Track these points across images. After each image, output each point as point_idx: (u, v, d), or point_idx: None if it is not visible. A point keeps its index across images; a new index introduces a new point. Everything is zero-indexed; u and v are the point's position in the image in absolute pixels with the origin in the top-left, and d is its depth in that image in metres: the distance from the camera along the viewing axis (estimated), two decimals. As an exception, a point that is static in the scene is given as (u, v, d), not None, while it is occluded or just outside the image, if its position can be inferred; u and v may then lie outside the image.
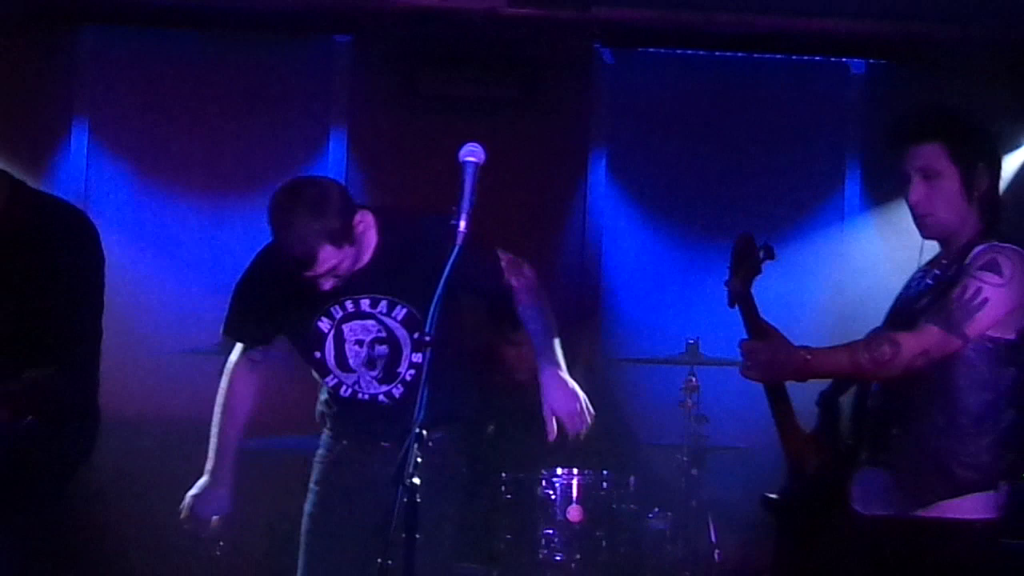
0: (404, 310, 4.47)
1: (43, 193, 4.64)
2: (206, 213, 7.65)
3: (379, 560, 3.39)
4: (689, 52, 7.91)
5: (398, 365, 4.53)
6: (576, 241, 7.84)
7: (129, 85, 7.66)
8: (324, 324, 4.56)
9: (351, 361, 4.57)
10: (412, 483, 3.27)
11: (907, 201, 4.09)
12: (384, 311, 4.49)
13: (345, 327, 4.54)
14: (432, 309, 3.46)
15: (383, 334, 4.50)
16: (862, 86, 7.91)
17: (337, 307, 4.51)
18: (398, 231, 4.50)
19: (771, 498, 4.40)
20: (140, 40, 7.74)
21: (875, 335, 3.98)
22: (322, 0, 7.68)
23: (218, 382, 6.89)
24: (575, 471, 6.38)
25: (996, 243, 3.96)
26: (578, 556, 6.29)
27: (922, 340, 3.83)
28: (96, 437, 4.68)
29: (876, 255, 7.58)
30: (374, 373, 4.56)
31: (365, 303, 4.50)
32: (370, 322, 4.51)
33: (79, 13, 7.74)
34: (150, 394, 7.12)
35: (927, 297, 3.98)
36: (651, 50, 7.91)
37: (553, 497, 6.33)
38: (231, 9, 7.59)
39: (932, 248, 4.18)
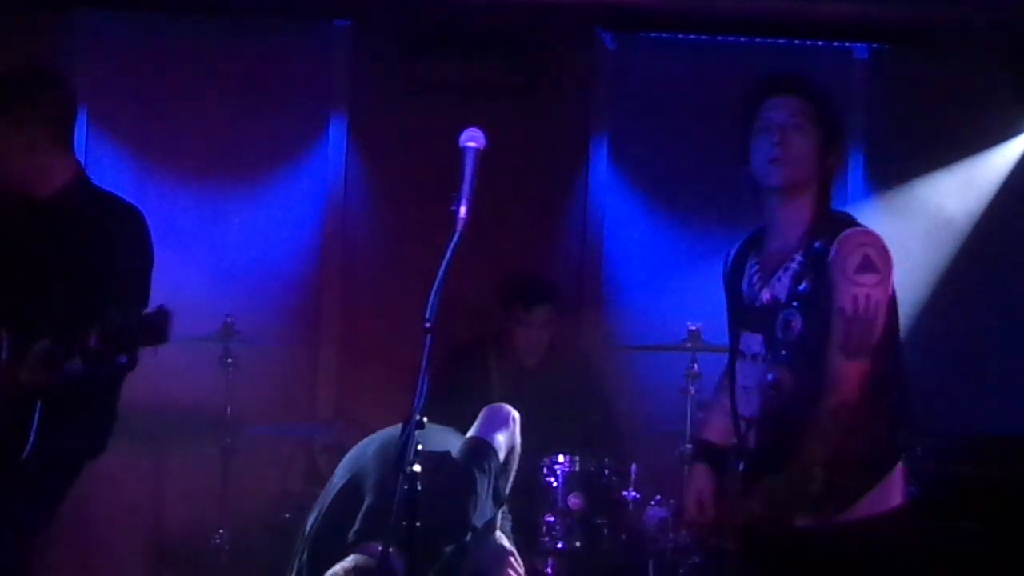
0: None
1: (103, 189, 4.67)
2: (206, 199, 7.62)
3: (381, 547, 3.38)
4: (691, 37, 7.87)
5: None
6: (577, 227, 7.81)
7: (128, 71, 7.63)
8: None
9: None
10: (412, 471, 3.25)
11: (759, 148, 3.97)
12: None
13: None
14: (432, 294, 3.42)
15: None
16: (865, 71, 7.87)
17: None
18: None
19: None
20: (139, 26, 7.70)
21: (827, 413, 3.72)
22: (322, -16, 7.68)
23: (217, 370, 6.90)
24: (576, 458, 6.37)
25: (855, 230, 3.85)
26: (579, 544, 6.28)
27: (852, 382, 3.71)
28: (111, 434, 4.67)
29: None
30: None
31: None
32: None
33: (76, -2, 7.72)
34: (149, 381, 7.06)
35: (796, 302, 3.83)
36: (653, 35, 7.87)
37: (554, 484, 6.33)
38: (230, -7, 7.60)
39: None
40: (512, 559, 4.52)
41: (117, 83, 7.69)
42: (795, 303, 3.85)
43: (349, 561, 4.02)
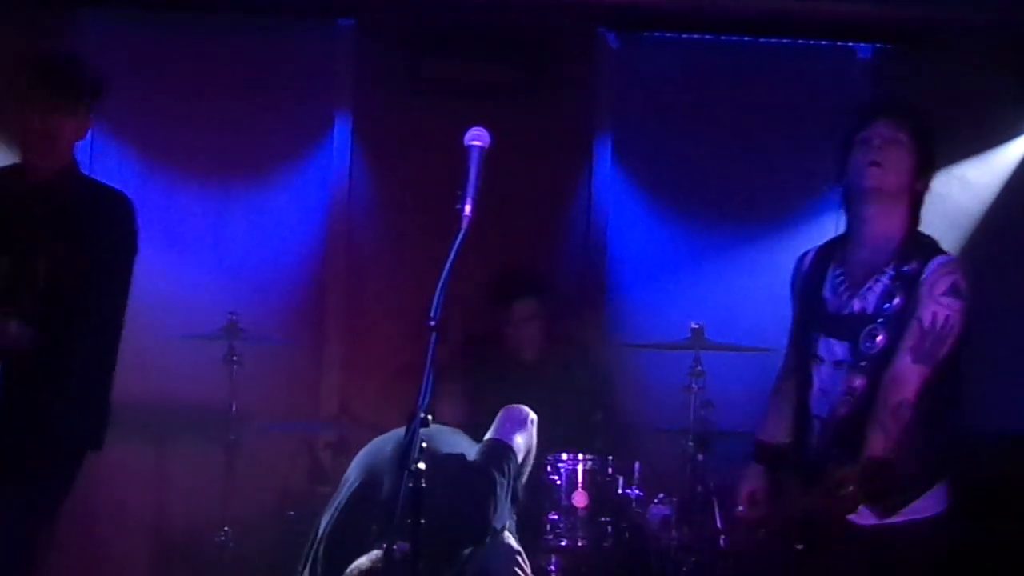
0: None
1: (92, 178, 4.86)
2: (210, 198, 7.63)
3: (386, 545, 3.39)
4: (694, 36, 7.87)
5: None
6: (581, 226, 7.82)
7: (132, 70, 7.62)
8: None
9: None
10: (417, 468, 3.26)
11: (860, 161, 4.21)
12: None
13: None
14: (437, 292, 3.44)
15: None
16: (868, 71, 7.88)
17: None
18: None
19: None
20: (143, 24, 7.71)
21: (888, 405, 3.97)
22: (326, -17, 7.69)
23: (221, 367, 6.91)
24: (580, 456, 6.38)
25: (947, 258, 4.14)
26: (582, 542, 6.29)
27: (914, 384, 3.97)
28: (106, 428, 4.68)
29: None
30: None
31: None
32: None
33: (81, -4, 7.73)
34: (153, 378, 7.11)
35: (883, 318, 4.09)
36: (656, 34, 7.88)
37: (558, 482, 6.32)
38: (234, -8, 7.61)
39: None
40: (520, 558, 4.53)
41: (121, 82, 7.65)
42: (881, 319, 4.11)
43: (375, 554, 4.03)
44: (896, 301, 4.08)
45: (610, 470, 6.48)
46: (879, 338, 4.09)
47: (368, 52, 7.78)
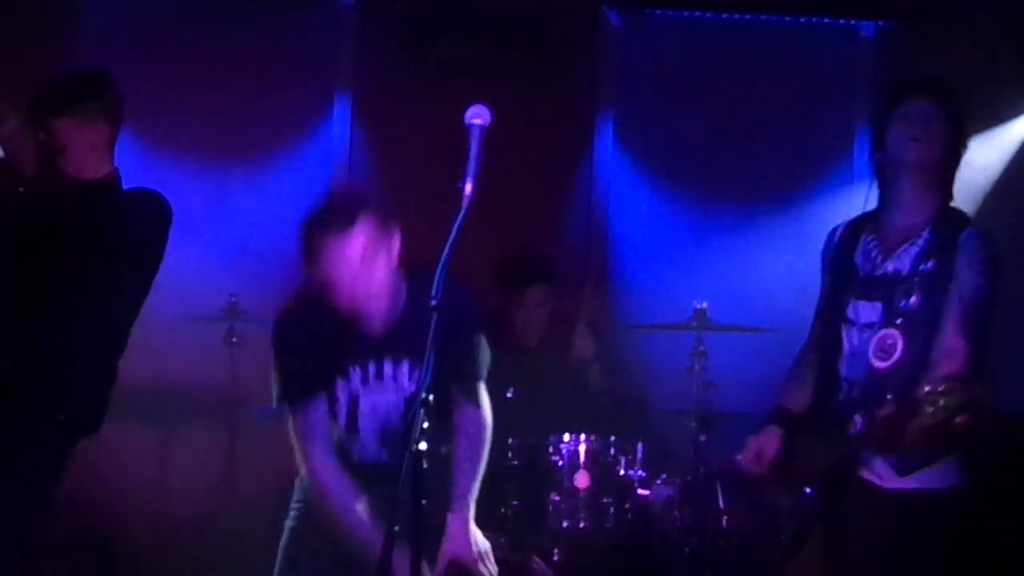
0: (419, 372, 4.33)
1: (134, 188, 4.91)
2: (210, 178, 7.62)
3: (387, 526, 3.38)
4: (696, 14, 7.85)
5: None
6: (583, 206, 7.80)
7: (133, 50, 7.60)
8: (340, 388, 4.41)
9: (361, 432, 4.44)
10: (418, 449, 3.24)
11: (900, 136, 4.28)
12: (406, 372, 4.38)
13: (363, 395, 4.40)
14: (438, 272, 3.41)
15: (399, 401, 4.39)
16: (871, 48, 7.85)
17: (357, 369, 4.38)
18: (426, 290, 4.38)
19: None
20: (144, 5, 7.68)
21: (945, 377, 3.96)
22: (326, -37, 7.66)
23: (222, 349, 6.90)
24: (582, 437, 6.37)
25: (982, 228, 4.27)
26: (585, 523, 6.28)
27: (960, 359, 4.05)
28: (103, 412, 4.66)
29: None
30: (383, 452, 4.43)
31: (388, 368, 4.40)
32: (390, 395, 4.39)
33: (81, -23, 7.71)
34: (154, 360, 7.09)
35: (919, 277, 4.17)
36: (658, 12, 7.85)
37: (560, 463, 6.32)
38: (235, -28, 7.59)
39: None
40: (486, 554, 4.47)
41: (122, 61, 7.65)
42: (917, 278, 4.19)
43: None
44: (931, 264, 4.18)
45: (612, 451, 6.46)
46: (913, 297, 4.17)
47: (369, 32, 7.76)
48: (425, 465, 3.26)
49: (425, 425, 3.28)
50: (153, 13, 7.65)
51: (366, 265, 4.22)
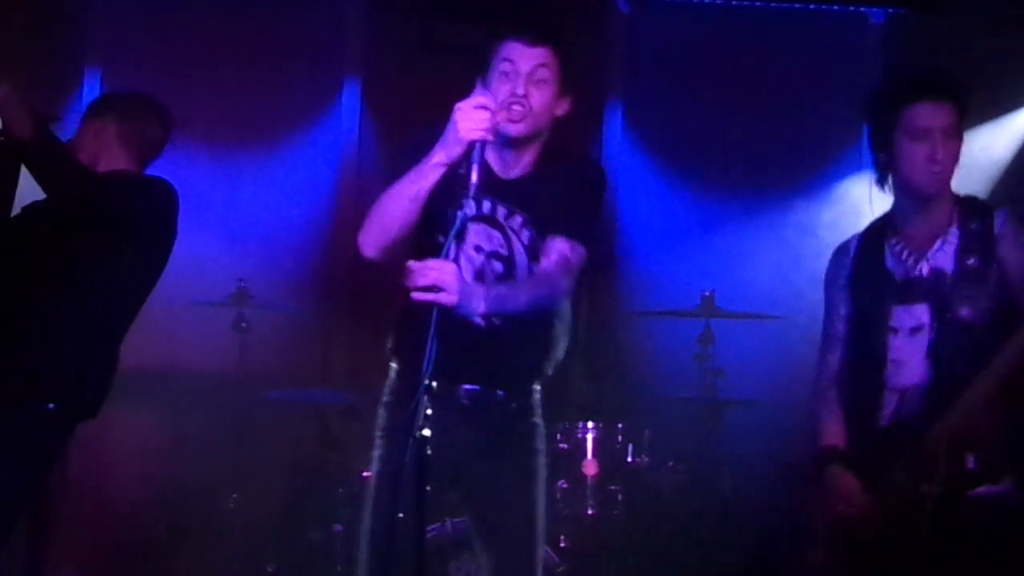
0: (529, 234, 4.06)
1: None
2: (219, 164, 7.62)
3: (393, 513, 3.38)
4: (706, 1, 7.83)
5: None
6: (592, 193, 7.78)
7: (141, 35, 7.61)
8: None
9: (462, 265, 3.96)
10: (422, 436, 3.25)
11: (918, 157, 4.15)
12: (515, 228, 4.07)
13: (471, 225, 4.02)
14: (449, 239, 3.48)
15: (504, 251, 4.06)
16: (881, 36, 7.83)
17: (472, 202, 3.90)
18: (556, 157, 4.21)
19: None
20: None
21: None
22: (336, -52, 7.65)
23: (230, 334, 6.90)
24: (590, 424, 6.36)
25: (1006, 208, 4.20)
26: (592, 510, 6.28)
27: None
28: (103, 396, 4.66)
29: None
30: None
31: (501, 211, 4.08)
32: (496, 232, 4.07)
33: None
34: (161, 345, 7.10)
35: (964, 272, 4.09)
36: (667, -1, 7.85)
37: (568, 450, 6.31)
38: (243, -42, 7.58)
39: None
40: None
41: (131, 46, 7.68)
42: (962, 273, 4.11)
43: None
44: (974, 258, 4.10)
45: (620, 438, 6.46)
46: (964, 292, 4.09)
47: (378, 17, 7.75)
48: (429, 452, 3.27)
49: (428, 412, 3.29)
50: (161, 0, 7.65)
51: None
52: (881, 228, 4.35)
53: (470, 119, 3.79)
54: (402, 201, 4.01)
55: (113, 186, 4.63)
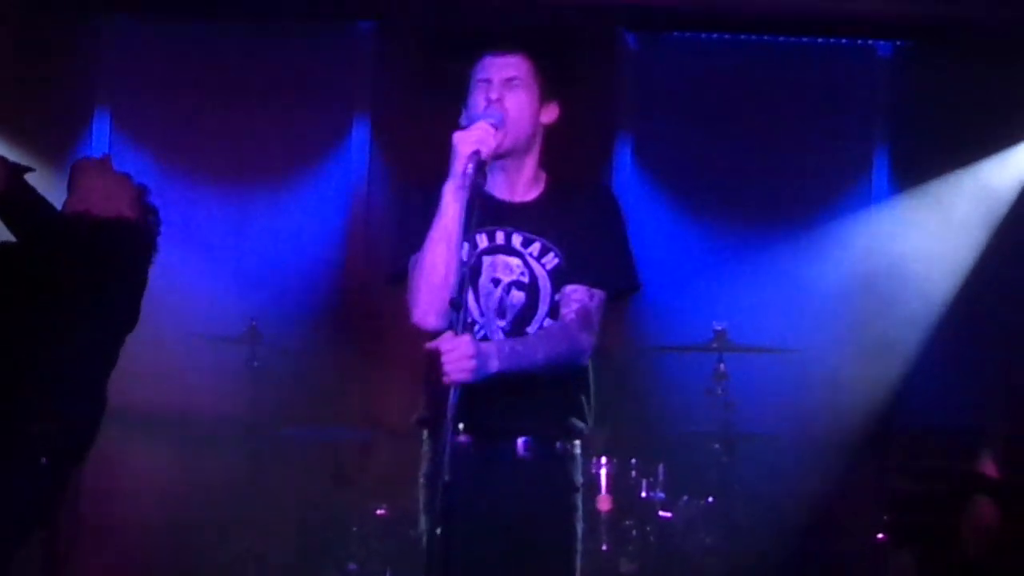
0: (556, 260, 3.88)
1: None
2: (230, 202, 7.64)
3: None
4: (714, 36, 7.86)
5: (530, 321, 3.86)
6: (601, 227, 7.79)
7: (151, 74, 7.65)
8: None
9: (480, 301, 3.87)
10: (446, 481, 3.23)
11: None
12: (535, 254, 3.89)
13: (486, 259, 3.88)
14: (458, 271, 3.49)
15: (526, 278, 3.87)
16: (889, 69, 7.85)
17: (484, 234, 3.87)
18: (567, 184, 4.10)
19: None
20: (162, 28, 7.72)
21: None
22: (345, -15, 7.69)
23: (242, 372, 6.90)
24: (603, 459, 6.36)
25: None
26: (606, 546, 6.26)
27: None
28: (88, 446, 4.65)
29: (904, 240, 7.53)
30: (502, 323, 3.84)
31: (517, 239, 3.91)
32: (515, 260, 3.89)
33: (101, 2, 7.73)
34: (173, 381, 7.11)
35: None
36: (675, 34, 7.86)
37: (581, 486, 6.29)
38: (253, -4, 7.62)
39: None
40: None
41: (141, 86, 7.71)
42: None
43: None
44: None
45: (634, 473, 6.46)
46: None
47: (387, 54, 7.78)
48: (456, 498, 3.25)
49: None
50: (172, 38, 7.68)
51: None
52: None
53: (467, 136, 3.85)
54: (438, 249, 3.80)
55: (81, 230, 4.59)
